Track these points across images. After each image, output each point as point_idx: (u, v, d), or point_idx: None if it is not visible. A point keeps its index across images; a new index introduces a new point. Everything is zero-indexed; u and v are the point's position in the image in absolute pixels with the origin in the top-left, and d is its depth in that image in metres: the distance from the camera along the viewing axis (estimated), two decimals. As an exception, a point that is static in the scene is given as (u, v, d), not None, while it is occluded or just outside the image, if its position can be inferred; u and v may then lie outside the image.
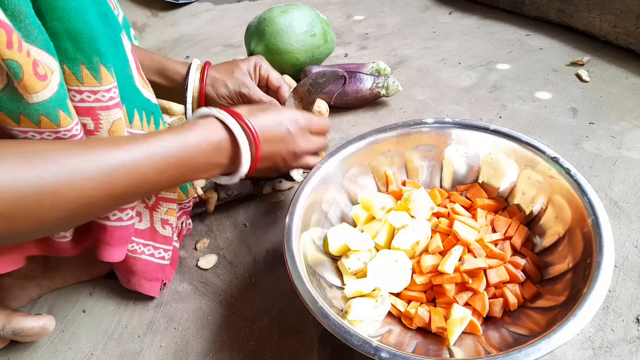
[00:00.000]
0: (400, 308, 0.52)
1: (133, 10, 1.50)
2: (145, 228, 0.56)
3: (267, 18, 0.93)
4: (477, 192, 0.61)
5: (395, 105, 0.92)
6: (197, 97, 0.64)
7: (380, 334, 0.48)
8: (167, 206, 0.57)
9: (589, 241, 0.47)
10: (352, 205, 0.62)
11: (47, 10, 0.39)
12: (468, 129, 0.61)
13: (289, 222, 0.52)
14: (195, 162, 0.45)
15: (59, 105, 0.40)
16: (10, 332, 0.53)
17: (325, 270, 0.54)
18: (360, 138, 0.61)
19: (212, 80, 0.64)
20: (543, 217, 0.56)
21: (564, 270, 0.50)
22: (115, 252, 0.52)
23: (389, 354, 0.40)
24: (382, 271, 0.52)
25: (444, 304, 0.51)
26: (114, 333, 0.58)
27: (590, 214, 0.48)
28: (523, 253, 0.55)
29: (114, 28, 0.47)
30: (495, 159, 0.60)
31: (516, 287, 0.51)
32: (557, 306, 0.46)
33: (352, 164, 0.61)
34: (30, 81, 0.36)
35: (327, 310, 0.44)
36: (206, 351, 0.55)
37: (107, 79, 0.44)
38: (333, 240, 0.55)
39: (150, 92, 0.53)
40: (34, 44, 0.37)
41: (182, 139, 0.44)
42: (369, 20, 1.29)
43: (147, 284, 0.58)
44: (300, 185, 0.56)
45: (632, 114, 0.82)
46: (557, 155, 0.54)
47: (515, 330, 0.47)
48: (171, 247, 0.59)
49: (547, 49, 1.04)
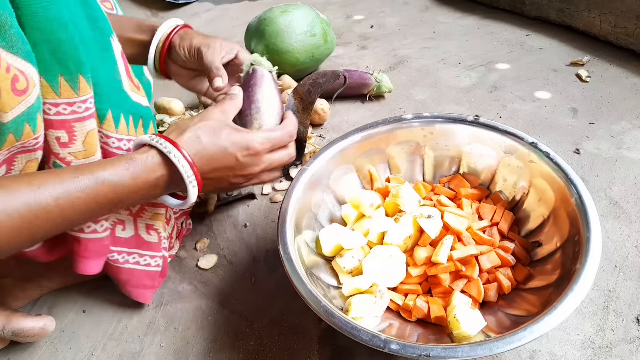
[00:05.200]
0: (398, 302, 0.52)
1: (133, 10, 1.50)
2: (129, 236, 0.55)
3: (267, 18, 0.93)
4: (460, 183, 0.62)
5: (395, 105, 0.92)
6: (162, 44, 0.60)
7: (381, 329, 0.49)
8: (153, 211, 0.55)
9: (575, 219, 0.49)
10: (339, 205, 0.62)
11: (27, 20, 0.38)
12: (447, 122, 0.62)
13: (281, 226, 0.52)
14: (130, 200, 0.45)
15: (28, 119, 0.39)
16: (10, 333, 0.53)
17: (321, 272, 0.54)
18: (342, 138, 0.62)
19: (184, 33, 0.61)
20: (526, 201, 0.57)
21: (553, 250, 0.51)
22: (91, 265, 0.51)
23: (399, 344, 0.41)
24: (377, 267, 0.53)
25: (440, 293, 0.52)
26: (114, 333, 0.58)
27: (574, 193, 0.50)
28: (511, 237, 0.56)
29: (103, 31, 0.46)
30: (474, 149, 0.61)
31: (508, 270, 0.53)
32: (550, 285, 0.47)
33: (336, 164, 0.62)
34: (7, 98, 0.36)
35: (331, 308, 0.44)
36: (206, 351, 0.55)
37: (84, 89, 0.43)
38: (325, 241, 0.55)
39: (142, 95, 0.53)
40: (17, 54, 0.36)
41: (117, 183, 0.43)
42: (369, 20, 1.29)
43: (135, 291, 0.58)
44: (288, 189, 0.56)
45: (632, 114, 0.82)
46: (535, 140, 0.56)
47: (512, 312, 0.48)
48: (159, 253, 0.57)
49: (547, 49, 1.04)
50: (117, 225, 0.53)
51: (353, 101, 0.94)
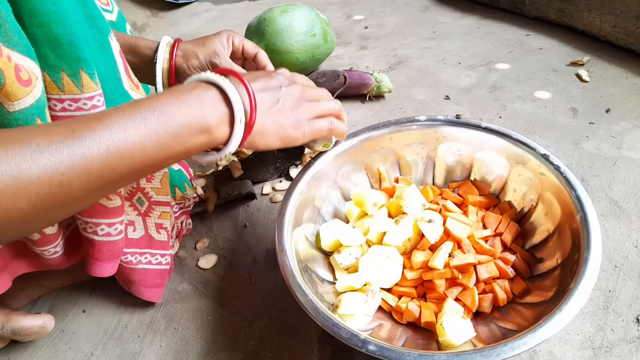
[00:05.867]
0: (391, 303, 0.52)
1: (133, 10, 1.50)
2: (140, 237, 0.55)
3: (267, 18, 0.93)
4: (469, 189, 0.62)
5: (395, 105, 0.92)
6: (167, 70, 0.61)
7: (371, 329, 0.49)
8: (160, 210, 0.55)
9: (577, 237, 0.47)
10: (345, 201, 0.62)
11: (26, 15, 0.38)
12: (460, 127, 0.61)
13: (280, 216, 0.52)
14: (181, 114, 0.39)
15: (38, 113, 0.38)
16: (10, 332, 0.53)
17: (318, 266, 0.55)
18: (354, 135, 0.61)
19: (184, 52, 0.61)
20: (534, 214, 0.56)
21: (553, 266, 0.50)
22: (105, 267, 0.51)
23: (377, 346, 0.40)
24: (373, 266, 0.53)
25: (434, 299, 0.52)
26: (114, 333, 0.58)
27: (579, 210, 0.48)
28: (513, 249, 0.55)
29: (101, 30, 0.46)
30: (486, 156, 0.60)
31: (506, 282, 0.52)
32: (545, 302, 0.46)
33: (345, 160, 0.61)
34: (13, 87, 0.35)
35: (316, 303, 0.44)
36: (206, 351, 0.55)
37: (88, 86, 0.42)
38: (325, 236, 0.55)
39: (141, 93, 0.53)
40: (14, 49, 0.36)
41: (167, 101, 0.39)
42: (369, 20, 1.29)
43: (148, 291, 0.58)
44: (293, 181, 0.56)
45: (632, 114, 0.82)
46: (547, 152, 0.55)
47: (504, 325, 0.47)
48: (169, 251, 0.58)
49: (547, 49, 1.04)
50: (128, 227, 0.53)
51: (353, 101, 0.94)
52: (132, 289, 0.58)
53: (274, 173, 0.77)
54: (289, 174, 0.77)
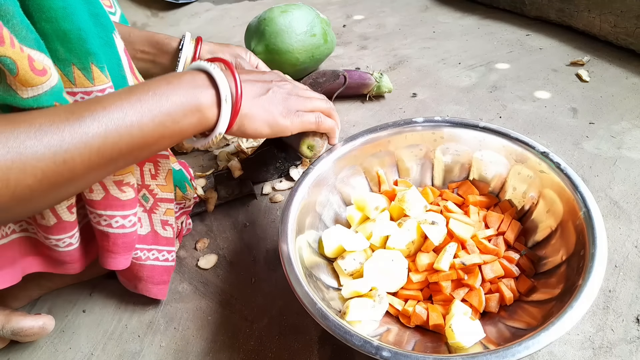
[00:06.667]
0: (397, 307, 0.52)
1: (133, 10, 1.50)
2: (146, 233, 0.55)
3: (267, 18, 0.93)
4: (469, 189, 0.62)
5: (395, 105, 0.92)
6: (190, 62, 0.64)
7: (379, 334, 0.48)
8: (165, 206, 0.56)
9: (582, 233, 0.47)
10: (345, 206, 0.62)
11: (35, 10, 0.38)
12: (458, 127, 0.61)
13: (283, 224, 0.52)
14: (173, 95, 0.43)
15: (55, 98, 0.39)
16: (10, 332, 0.53)
17: (322, 272, 0.54)
18: (352, 139, 0.61)
19: (210, 47, 0.64)
20: (535, 211, 0.56)
21: (558, 263, 0.50)
22: (120, 260, 0.52)
23: (391, 352, 0.40)
24: (378, 271, 0.52)
25: (440, 301, 0.52)
26: (114, 333, 0.58)
27: (582, 206, 0.49)
28: (516, 248, 0.55)
29: (106, 28, 0.46)
30: (485, 155, 0.60)
31: (511, 281, 0.52)
32: (553, 299, 0.46)
33: (344, 165, 0.61)
34: (27, 76, 0.36)
35: (326, 311, 0.44)
36: (206, 351, 0.55)
37: (99, 79, 0.43)
38: (328, 242, 0.55)
39: None
40: (23, 43, 0.36)
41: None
42: (369, 20, 1.29)
43: (155, 288, 0.58)
44: (293, 188, 0.56)
45: (632, 114, 0.82)
46: (546, 150, 0.55)
47: (512, 324, 0.47)
48: (174, 247, 0.59)
49: (547, 49, 1.04)
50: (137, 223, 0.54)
51: (353, 101, 0.94)
52: (140, 286, 0.58)
53: (274, 173, 0.77)
54: (289, 174, 0.77)
